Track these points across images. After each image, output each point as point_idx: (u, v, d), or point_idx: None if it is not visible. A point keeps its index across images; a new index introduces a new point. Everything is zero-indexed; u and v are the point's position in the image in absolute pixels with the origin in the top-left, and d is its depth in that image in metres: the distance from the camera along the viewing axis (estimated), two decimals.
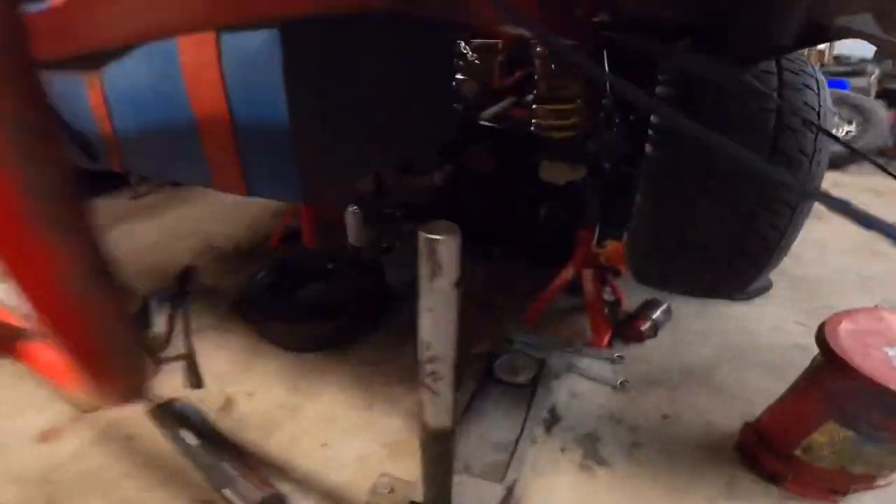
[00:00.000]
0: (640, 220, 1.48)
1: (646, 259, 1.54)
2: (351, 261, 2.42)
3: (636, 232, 1.51)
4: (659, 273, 1.55)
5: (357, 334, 2.13)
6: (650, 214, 1.46)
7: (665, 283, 1.59)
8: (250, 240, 3.08)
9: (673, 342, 2.08)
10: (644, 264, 1.56)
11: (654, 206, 1.44)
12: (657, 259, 1.51)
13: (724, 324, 2.19)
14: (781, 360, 1.95)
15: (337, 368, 2.00)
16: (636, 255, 1.56)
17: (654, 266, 1.54)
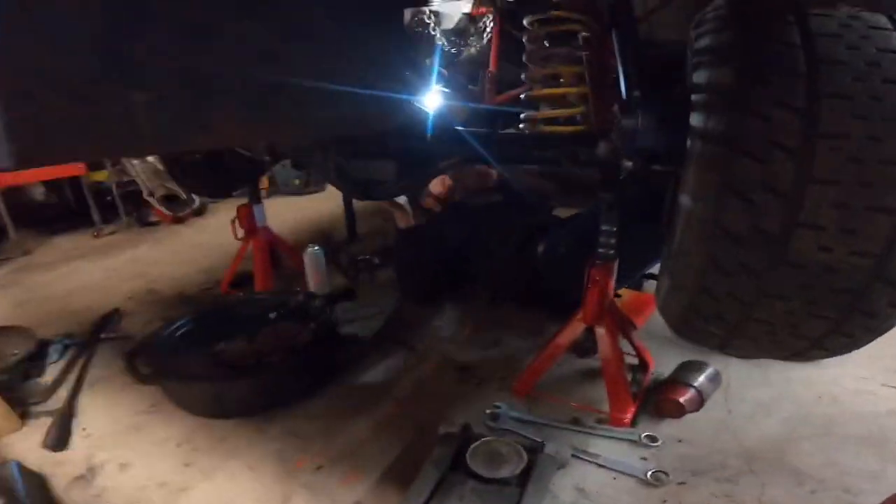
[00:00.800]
0: (689, 247, 0.94)
1: (698, 307, 0.98)
2: (299, 310, 1.92)
3: (681, 263, 0.97)
4: (720, 327, 0.99)
5: (288, 398, 1.62)
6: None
7: (728, 342, 1.02)
8: (200, 284, 2.67)
9: (725, 416, 1.51)
10: (694, 313, 1.00)
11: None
12: (718, 309, 0.95)
13: (791, 390, 1.61)
14: (878, 432, 1.41)
15: (253, 441, 1.49)
16: (679, 299, 1.01)
17: (712, 318, 0.98)
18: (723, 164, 0.84)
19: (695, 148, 0.91)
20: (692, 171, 0.90)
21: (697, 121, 0.92)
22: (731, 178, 0.83)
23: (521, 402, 1.59)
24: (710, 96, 0.90)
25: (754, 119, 0.82)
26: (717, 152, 0.86)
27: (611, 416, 1.48)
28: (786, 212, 0.80)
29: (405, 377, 1.76)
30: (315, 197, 4.45)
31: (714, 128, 0.87)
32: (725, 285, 0.90)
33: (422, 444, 1.40)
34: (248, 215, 2.36)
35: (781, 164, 0.80)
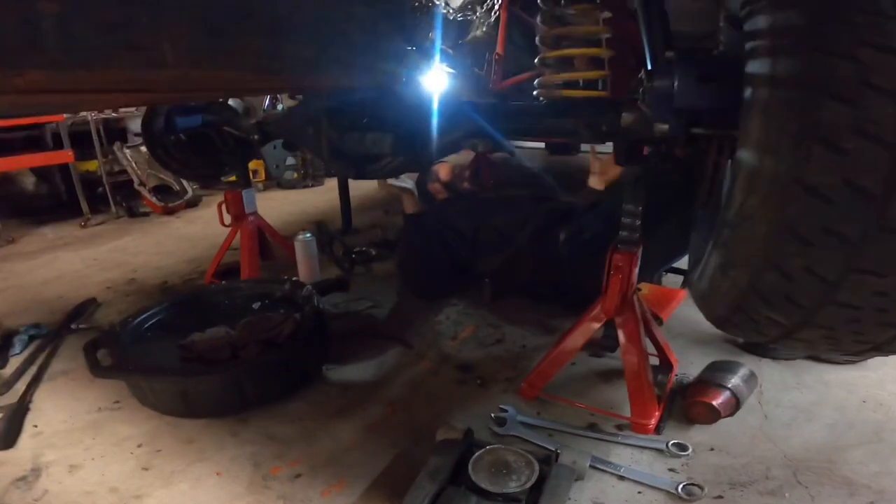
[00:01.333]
0: (754, 211, 0.75)
1: (762, 288, 0.79)
2: (285, 300, 1.75)
3: (740, 233, 0.79)
4: (787, 315, 0.80)
5: (265, 396, 1.45)
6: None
7: (792, 334, 0.84)
8: (184, 274, 2.50)
9: (761, 421, 1.33)
10: (754, 297, 0.81)
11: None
12: (789, 290, 0.77)
13: (831, 394, 1.44)
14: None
15: (223, 443, 1.33)
16: (735, 279, 0.82)
17: (779, 302, 0.79)
18: (803, 108, 0.68)
19: (760, 96, 0.74)
20: (757, 121, 0.74)
21: (760, 67, 0.75)
22: (816, 125, 0.66)
23: (530, 406, 1.42)
24: (778, 40, 0.73)
25: (839, 60, 0.66)
26: (792, 97, 0.69)
27: (633, 421, 1.31)
28: (889, 163, 0.63)
29: (399, 376, 1.59)
30: (312, 190, 4.29)
31: (786, 72, 0.71)
32: (803, 258, 0.72)
33: (417, 452, 1.24)
34: (237, 200, 2.19)
35: (880, 107, 0.63)
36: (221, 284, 1.97)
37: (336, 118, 1.56)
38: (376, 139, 1.50)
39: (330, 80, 0.90)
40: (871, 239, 0.67)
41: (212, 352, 1.43)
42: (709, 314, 1.00)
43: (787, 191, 0.70)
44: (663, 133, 1.04)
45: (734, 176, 0.79)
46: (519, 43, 2.52)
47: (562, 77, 1.24)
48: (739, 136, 0.78)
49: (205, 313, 1.69)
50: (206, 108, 2.17)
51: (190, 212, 3.72)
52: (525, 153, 5.33)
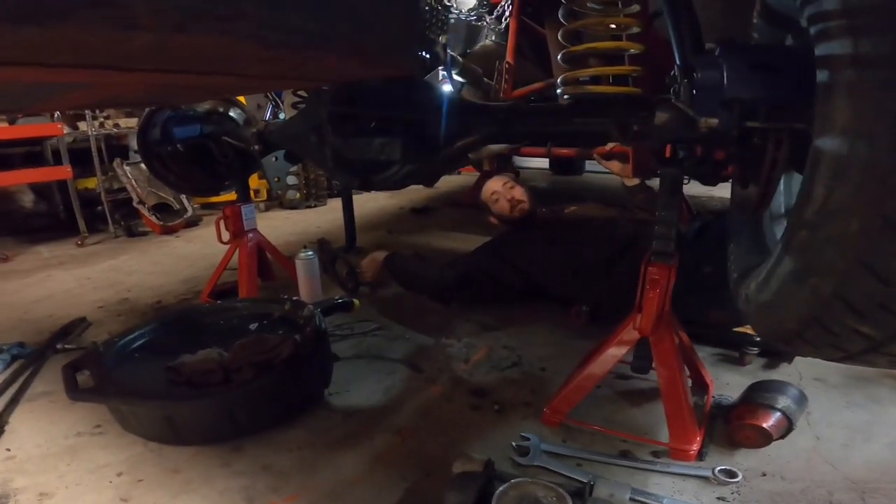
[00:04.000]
0: (844, 205, 0.65)
1: (851, 296, 0.68)
2: (284, 320, 1.63)
3: (825, 232, 0.68)
4: (879, 326, 0.69)
5: (261, 423, 1.32)
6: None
7: (879, 349, 0.72)
8: (179, 294, 2.39)
9: (814, 443, 1.20)
10: (839, 307, 0.70)
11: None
12: (886, 297, 0.65)
13: (884, 412, 1.32)
14: None
15: (213, 474, 1.20)
16: (817, 287, 0.71)
17: (871, 311, 0.68)
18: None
19: (843, 78, 0.64)
20: (844, 105, 0.64)
21: (839, 48, 0.66)
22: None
23: (554, 433, 1.28)
24: (859, 18, 0.64)
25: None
26: (888, 76, 0.59)
27: (671, 447, 1.17)
28: None
29: (408, 402, 1.46)
30: (315, 210, 4.20)
31: (876, 51, 0.61)
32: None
33: (430, 486, 1.10)
34: (236, 216, 2.09)
35: None
36: (216, 304, 1.85)
37: (340, 123, 1.47)
38: (385, 145, 1.41)
39: (336, 61, 0.80)
40: None
41: (202, 375, 1.30)
42: (771, 329, 0.87)
43: (890, 179, 0.59)
44: (711, 128, 0.94)
45: (814, 169, 0.69)
46: (528, 54, 2.46)
47: (590, 72, 1.14)
48: (817, 122, 0.68)
49: (197, 334, 1.56)
50: (204, 118, 2.09)
51: (189, 231, 3.62)
52: (530, 173, 5.29)
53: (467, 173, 4.86)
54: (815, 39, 0.70)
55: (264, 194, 4.23)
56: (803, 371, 1.51)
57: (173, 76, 0.73)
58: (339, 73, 1.01)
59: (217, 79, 0.84)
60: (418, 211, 3.98)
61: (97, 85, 0.81)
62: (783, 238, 0.76)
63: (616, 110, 1.14)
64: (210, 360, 1.35)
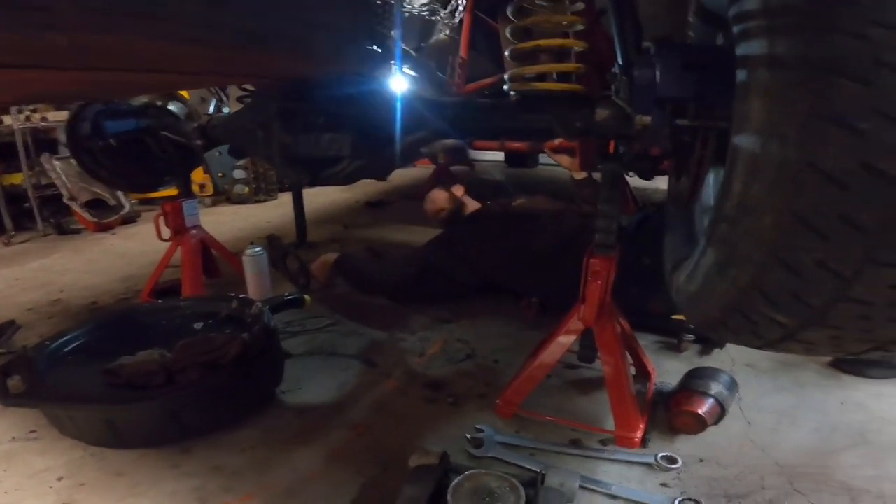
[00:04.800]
0: (759, 201, 0.68)
1: (766, 286, 0.72)
2: (231, 319, 1.58)
3: (742, 227, 0.72)
4: (793, 315, 0.73)
5: (208, 425, 1.29)
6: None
7: (795, 335, 0.78)
8: (117, 294, 2.27)
9: (746, 428, 1.28)
10: (756, 297, 0.74)
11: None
12: (798, 288, 0.70)
13: (809, 396, 1.42)
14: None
15: (161, 476, 1.16)
16: (735, 278, 0.75)
17: (785, 301, 0.72)
18: (813, 89, 0.62)
19: (758, 77, 0.68)
20: (759, 104, 0.67)
21: (756, 48, 0.69)
22: (829, 105, 0.60)
23: (507, 424, 1.31)
24: (776, 19, 0.68)
25: (848, 38, 0.61)
26: (800, 77, 0.63)
27: (617, 435, 1.23)
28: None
29: (363, 397, 1.45)
30: (264, 205, 4.08)
31: (789, 52, 0.65)
32: (817, 251, 0.65)
33: (387, 480, 1.11)
34: (176, 212, 2.00)
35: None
36: (158, 303, 1.77)
37: (289, 119, 1.44)
38: (334, 140, 1.39)
39: (281, 60, 0.78)
40: (890, 227, 0.62)
41: (142, 377, 1.25)
42: (699, 318, 0.92)
43: (800, 177, 0.63)
44: (645, 125, 0.98)
45: (732, 165, 0.73)
46: (482, 48, 2.47)
47: (535, 69, 1.17)
48: (735, 121, 0.72)
49: (137, 335, 1.50)
50: (141, 112, 1.99)
51: (127, 228, 3.44)
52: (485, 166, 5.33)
53: (423, 166, 4.84)
54: (737, 39, 0.73)
55: (210, 189, 4.07)
56: (735, 357, 1.60)
57: (99, 74, 0.70)
58: (285, 72, 0.99)
59: (148, 76, 0.80)
60: (373, 204, 3.94)
61: (18, 83, 0.76)
62: (706, 231, 0.80)
63: (559, 107, 1.17)
64: (151, 362, 1.30)
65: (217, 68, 0.76)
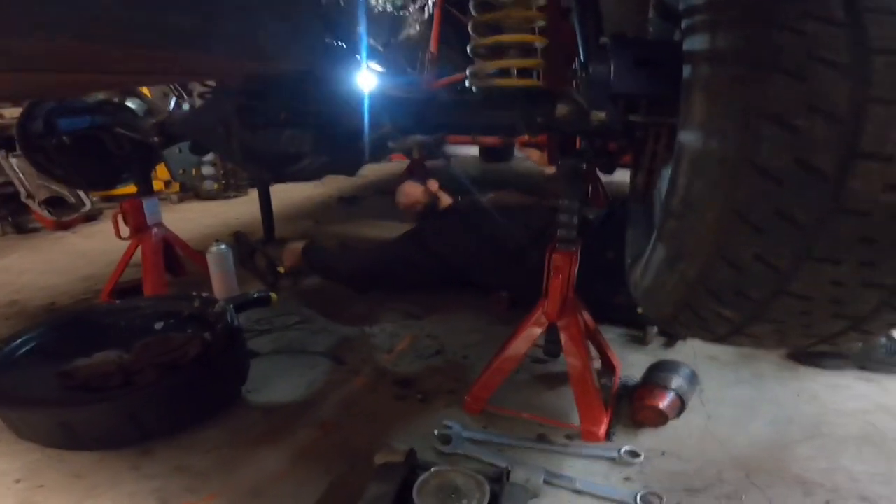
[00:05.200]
0: (701, 197, 0.69)
1: (711, 281, 0.73)
2: (194, 318, 1.55)
3: (687, 223, 0.73)
4: (737, 309, 0.74)
5: (169, 426, 1.27)
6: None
7: (742, 329, 0.79)
8: (76, 294, 2.21)
9: (706, 421, 1.31)
10: (702, 291, 0.75)
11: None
12: (740, 282, 0.71)
13: (767, 388, 1.45)
14: (872, 430, 1.27)
15: (121, 478, 1.14)
16: (683, 273, 0.76)
17: (729, 296, 0.73)
18: (750, 84, 0.62)
19: (700, 73, 0.69)
20: (699, 99, 0.68)
21: (699, 44, 0.70)
22: (765, 101, 0.61)
23: (476, 420, 1.32)
24: (717, 14, 0.68)
25: (783, 32, 0.61)
26: (738, 72, 0.64)
27: (582, 429, 1.24)
28: (842, 139, 0.59)
29: (331, 395, 1.44)
30: (234, 201, 4.00)
31: (728, 47, 0.65)
32: (755, 246, 0.67)
33: (355, 478, 1.10)
34: (136, 210, 1.95)
35: (831, 80, 0.59)
36: (117, 304, 1.72)
37: (248, 115, 1.41)
38: (295, 137, 1.36)
39: (224, 60, 0.75)
40: (825, 223, 0.63)
41: (98, 378, 1.22)
42: (654, 312, 0.93)
43: (739, 173, 0.64)
44: (601, 121, 0.99)
45: (677, 161, 0.74)
46: (453, 43, 2.46)
47: (495, 65, 1.16)
48: (680, 117, 0.72)
49: (96, 336, 1.46)
50: (95, 109, 1.93)
51: (88, 226, 3.34)
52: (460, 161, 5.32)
53: (398, 160, 4.81)
54: (684, 34, 0.74)
55: (177, 185, 3.97)
56: (698, 350, 1.63)
57: (35, 76, 0.66)
58: (232, 70, 0.95)
59: (86, 76, 0.77)
60: (346, 200, 3.90)
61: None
62: (657, 226, 0.81)
63: (522, 103, 1.16)
64: (108, 363, 1.27)
65: (153, 68, 0.73)
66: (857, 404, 1.36)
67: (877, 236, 0.62)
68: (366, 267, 2.04)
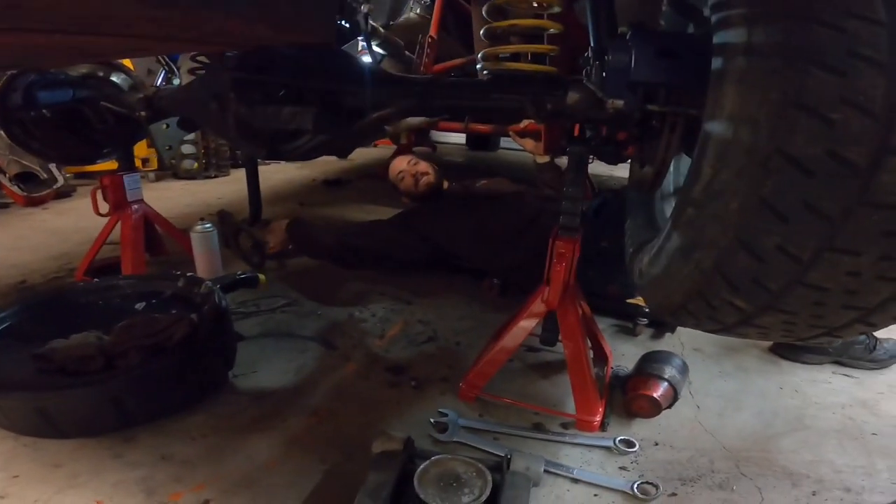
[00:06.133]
0: (727, 185, 0.69)
1: (729, 270, 0.73)
2: (178, 298, 1.50)
3: (709, 210, 0.73)
4: (752, 299, 0.75)
5: (153, 412, 1.23)
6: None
7: (752, 320, 0.80)
8: (49, 272, 2.12)
9: (695, 412, 1.33)
10: (718, 280, 0.76)
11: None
12: (759, 272, 0.72)
13: (751, 381, 1.48)
14: (851, 423, 1.30)
15: (102, 467, 1.10)
16: (699, 261, 0.76)
17: (745, 285, 0.74)
18: (787, 77, 0.62)
19: (734, 65, 0.69)
20: (732, 90, 0.68)
21: (734, 37, 0.70)
22: (802, 94, 0.61)
23: (471, 408, 1.31)
24: (755, 9, 0.68)
25: (825, 28, 0.62)
26: (776, 65, 0.64)
27: (578, 418, 1.25)
28: (875, 134, 0.60)
29: (322, 381, 1.41)
30: (216, 181, 3.89)
31: (766, 41, 0.65)
32: (778, 236, 0.67)
33: (350, 467, 1.08)
34: (116, 185, 1.87)
35: (869, 77, 0.60)
36: (94, 282, 1.65)
37: (246, 90, 1.36)
38: (296, 114, 1.32)
39: (241, 25, 0.71)
40: (851, 214, 0.64)
41: (77, 361, 1.17)
42: (660, 301, 0.93)
43: (768, 163, 0.64)
44: (618, 109, 0.98)
45: (702, 150, 0.74)
46: (451, 30, 2.43)
47: (509, 49, 1.14)
48: (708, 107, 0.72)
49: (72, 317, 1.40)
50: (79, 82, 1.85)
51: (61, 203, 3.21)
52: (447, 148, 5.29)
53: (384, 146, 4.75)
54: (715, 28, 0.74)
55: (155, 163, 3.83)
56: (685, 341, 1.66)
57: (33, 36, 0.61)
58: (245, 38, 0.91)
59: (89, 39, 0.72)
60: (331, 183, 3.83)
61: None
62: (672, 215, 0.81)
63: (532, 88, 1.15)
64: (87, 345, 1.21)
65: (163, 32, 0.68)
66: (837, 398, 1.40)
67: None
68: (353, 243, 2.00)
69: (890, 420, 1.31)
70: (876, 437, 1.25)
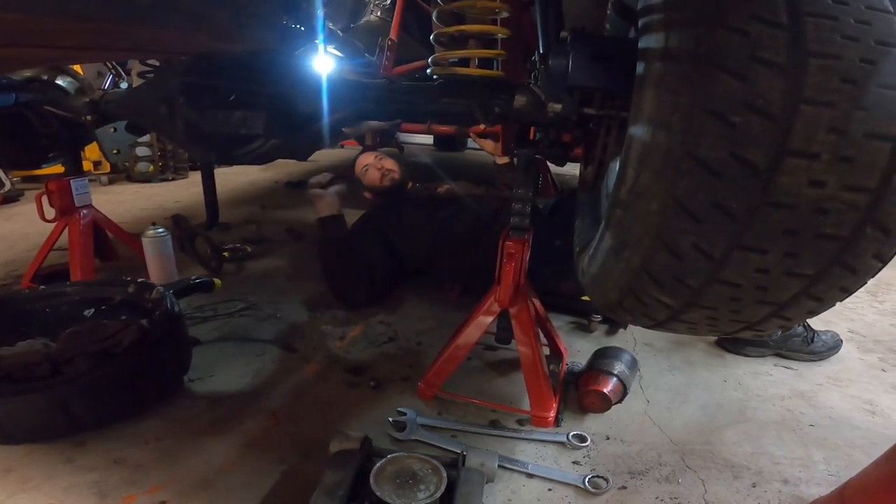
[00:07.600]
0: (647, 188, 0.73)
1: (653, 268, 0.78)
2: (129, 304, 1.47)
3: (633, 212, 0.77)
4: (675, 295, 0.79)
5: (104, 417, 1.21)
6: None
7: (679, 315, 0.84)
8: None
9: (645, 406, 1.38)
10: (645, 278, 0.80)
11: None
12: (679, 269, 0.77)
13: (697, 374, 1.55)
14: (790, 415, 1.37)
15: (55, 471, 1.08)
16: (628, 260, 0.80)
17: (669, 282, 0.78)
18: (695, 82, 0.66)
19: (652, 70, 0.72)
20: (650, 95, 0.72)
21: (654, 42, 0.74)
22: (707, 98, 0.65)
23: (430, 406, 1.33)
24: (672, 13, 0.72)
25: (730, 33, 0.66)
26: (685, 70, 0.68)
27: (533, 415, 1.28)
28: (774, 136, 0.64)
29: (281, 384, 1.41)
30: (173, 184, 3.79)
31: (679, 46, 0.69)
32: (693, 235, 0.71)
33: (308, 467, 1.09)
34: (63, 190, 1.81)
35: (768, 80, 0.64)
36: (40, 289, 1.60)
37: (195, 95, 1.34)
38: (246, 118, 1.31)
39: (175, 35, 0.71)
40: (755, 214, 0.68)
41: (23, 369, 1.14)
42: (600, 299, 0.97)
43: (681, 165, 0.68)
44: (556, 113, 1.02)
45: (626, 153, 0.77)
46: (414, 32, 2.44)
47: (457, 54, 1.17)
48: (631, 111, 0.76)
49: (17, 324, 1.36)
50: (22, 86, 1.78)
51: (7, 208, 3.08)
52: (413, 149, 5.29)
53: (350, 147, 4.72)
54: (641, 32, 0.77)
55: (107, 166, 3.71)
56: (637, 337, 1.72)
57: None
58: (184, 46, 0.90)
59: (21, 51, 0.70)
60: (294, 185, 3.78)
61: None
62: (605, 215, 0.85)
63: (480, 92, 1.18)
64: (33, 352, 1.18)
65: (98, 43, 0.67)
66: (777, 390, 1.47)
67: (799, 228, 0.67)
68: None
69: (827, 411, 1.37)
70: (813, 428, 1.30)
